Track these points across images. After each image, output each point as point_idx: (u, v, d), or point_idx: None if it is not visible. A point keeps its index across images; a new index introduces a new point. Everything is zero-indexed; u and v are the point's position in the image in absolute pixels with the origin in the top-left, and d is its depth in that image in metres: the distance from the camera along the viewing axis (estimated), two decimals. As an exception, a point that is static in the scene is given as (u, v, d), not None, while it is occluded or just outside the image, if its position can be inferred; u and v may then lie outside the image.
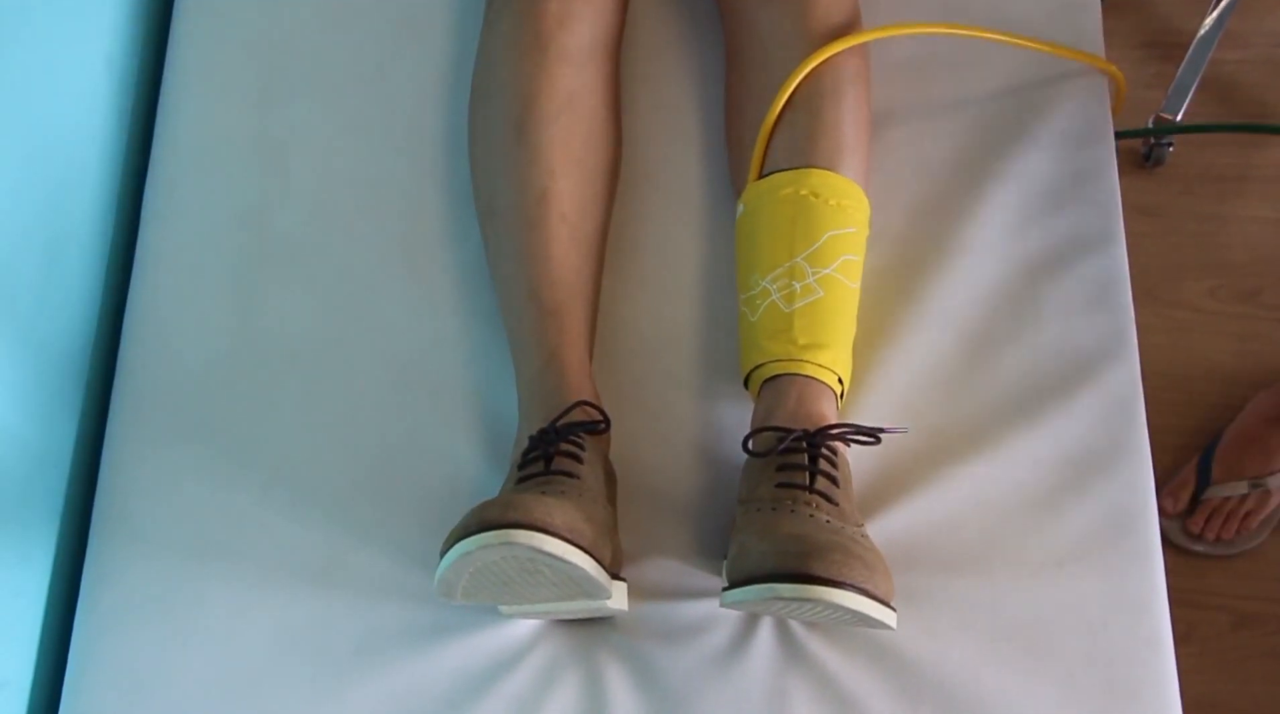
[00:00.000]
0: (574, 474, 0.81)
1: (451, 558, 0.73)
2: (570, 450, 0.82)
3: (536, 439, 0.83)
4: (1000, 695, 0.85)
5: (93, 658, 0.86)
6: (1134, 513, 0.89)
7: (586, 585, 0.77)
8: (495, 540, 0.72)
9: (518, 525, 0.72)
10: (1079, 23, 1.04)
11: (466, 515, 0.75)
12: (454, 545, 0.73)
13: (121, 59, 1.02)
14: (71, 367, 0.93)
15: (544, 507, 0.74)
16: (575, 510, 0.76)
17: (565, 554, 0.73)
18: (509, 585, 0.79)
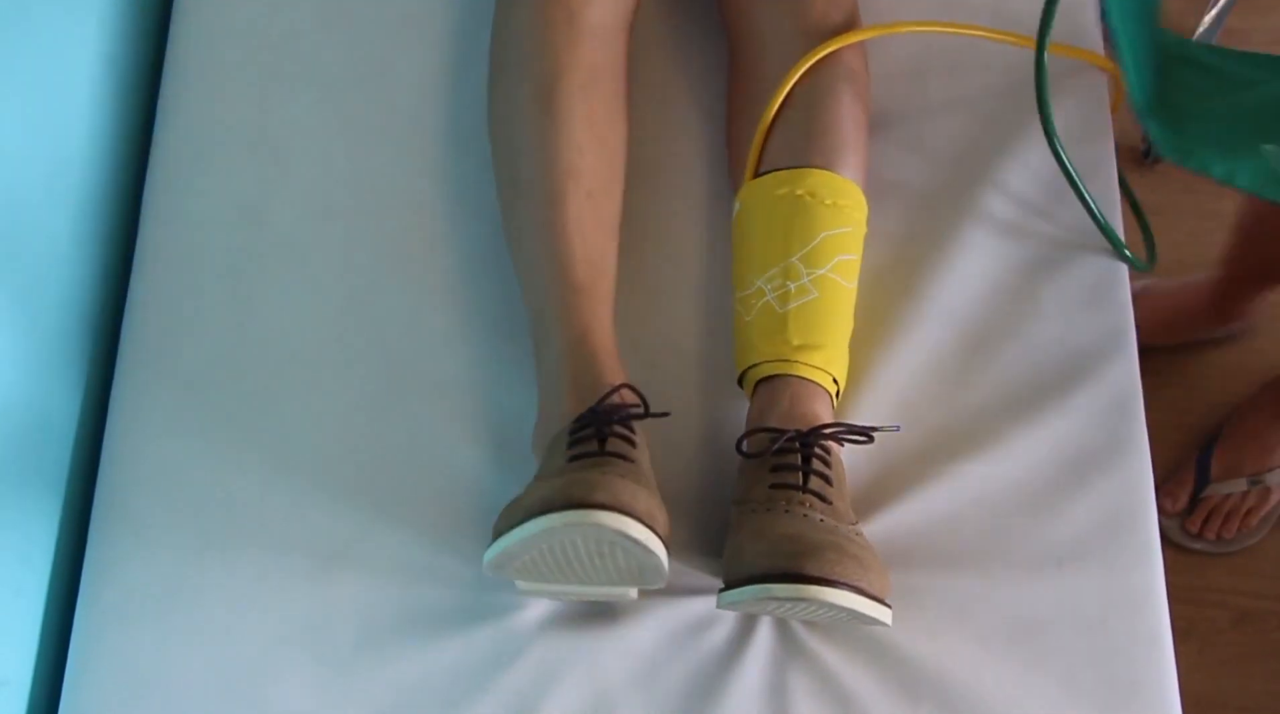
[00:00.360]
0: (629, 457, 0.78)
1: (528, 532, 0.72)
2: (623, 431, 0.80)
3: (587, 417, 0.80)
4: (1000, 693, 0.85)
5: (93, 655, 0.86)
6: (1133, 510, 0.89)
7: (651, 574, 0.77)
8: (581, 520, 0.71)
9: (604, 507, 0.71)
10: (1076, 21, 1.04)
11: (540, 491, 0.74)
12: (530, 520, 0.72)
13: (121, 57, 1.02)
14: (71, 364, 0.93)
15: (629, 491, 0.73)
16: (650, 495, 0.75)
17: (647, 541, 0.73)
18: (569, 566, 0.78)
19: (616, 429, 0.79)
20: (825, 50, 0.92)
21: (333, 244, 0.98)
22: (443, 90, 1.03)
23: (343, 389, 0.93)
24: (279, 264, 0.97)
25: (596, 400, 0.81)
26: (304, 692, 0.85)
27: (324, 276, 0.97)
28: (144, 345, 0.95)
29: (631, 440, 0.79)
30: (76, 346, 0.94)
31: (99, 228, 0.98)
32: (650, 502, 0.74)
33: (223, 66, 1.04)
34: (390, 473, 0.91)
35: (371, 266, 0.97)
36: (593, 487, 0.72)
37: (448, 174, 1.00)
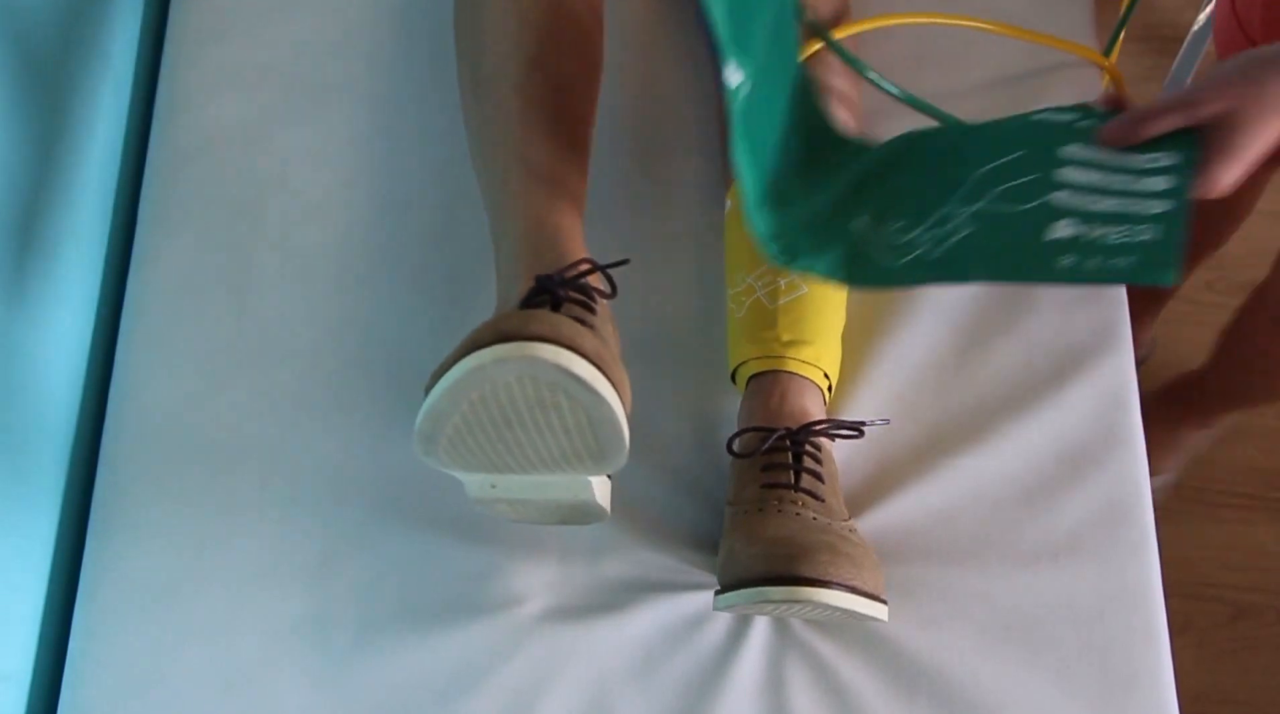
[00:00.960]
0: (586, 322, 0.68)
1: (457, 374, 0.61)
2: (580, 298, 0.70)
3: (542, 282, 0.70)
4: (995, 685, 0.85)
5: (93, 651, 0.86)
6: (1128, 504, 0.90)
7: (605, 432, 0.66)
8: (515, 353, 0.60)
9: (541, 339, 0.61)
10: (1070, 15, 1.04)
11: (470, 335, 0.63)
12: (459, 361, 0.61)
13: (120, 56, 1.03)
14: (69, 362, 0.93)
15: (574, 328, 0.62)
16: (601, 343, 0.64)
17: (594, 381, 0.62)
18: (508, 428, 0.66)
19: (573, 294, 0.69)
20: (818, 45, 0.92)
21: (330, 245, 0.98)
22: (440, 91, 1.03)
23: (340, 387, 0.94)
24: (277, 264, 0.97)
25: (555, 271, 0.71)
26: (302, 688, 0.85)
27: (322, 276, 0.97)
28: (143, 343, 0.95)
29: (590, 307, 0.69)
30: (75, 344, 0.94)
31: (97, 226, 0.98)
32: (600, 348, 0.63)
33: (220, 68, 1.04)
34: (387, 470, 0.91)
35: (369, 266, 0.97)
36: (528, 320, 0.62)
37: (445, 175, 1.00)
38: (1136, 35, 1.66)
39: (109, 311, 0.98)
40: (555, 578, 0.88)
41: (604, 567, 0.88)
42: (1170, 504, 1.45)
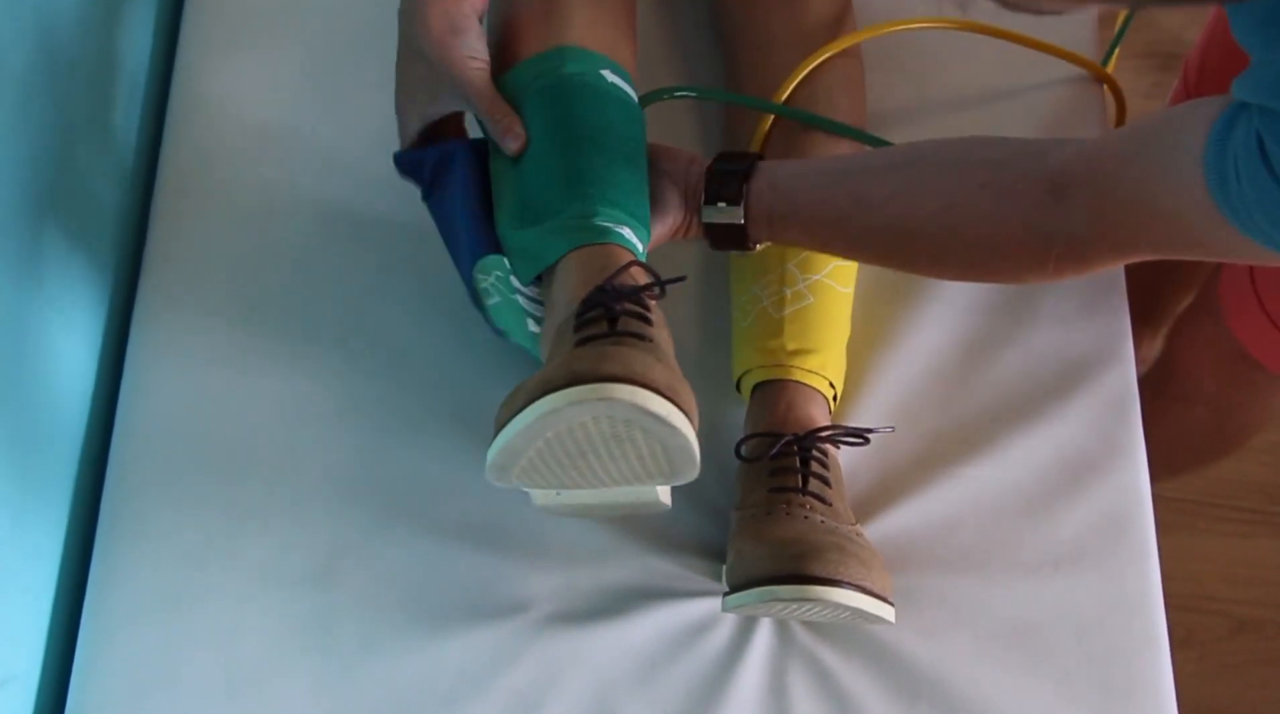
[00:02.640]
0: (645, 336, 0.68)
1: (530, 417, 0.63)
2: (636, 309, 0.70)
3: (595, 295, 0.70)
4: (996, 693, 0.86)
5: (100, 653, 0.87)
6: (1129, 514, 0.90)
7: (680, 459, 0.68)
8: (592, 396, 0.61)
9: (616, 379, 0.62)
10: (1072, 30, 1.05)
11: (541, 374, 0.65)
12: (531, 404, 0.63)
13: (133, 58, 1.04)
14: (80, 367, 0.94)
15: (644, 361, 0.63)
16: (669, 370, 0.65)
17: (669, 415, 0.63)
18: (582, 458, 0.68)
19: (628, 306, 0.70)
20: (822, 55, 0.93)
21: (338, 251, 0.99)
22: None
23: (348, 394, 0.94)
24: (287, 270, 0.98)
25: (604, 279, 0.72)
26: (307, 691, 0.86)
27: (329, 279, 0.98)
28: (153, 349, 0.96)
29: (647, 317, 0.70)
30: (85, 350, 0.95)
31: (109, 231, 0.99)
32: (670, 376, 0.65)
33: (231, 73, 1.05)
34: (393, 476, 0.92)
35: (376, 269, 0.98)
36: (601, 358, 0.63)
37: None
38: (1138, 53, 1.67)
39: (119, 317, 0.99)
40: (559, 584, 0.89)
41: (608, 573, 0.89)
42: (1172, 518, 1.45)
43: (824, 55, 0.93)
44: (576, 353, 0.65)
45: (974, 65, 1.04)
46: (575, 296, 0.72)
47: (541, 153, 0.80)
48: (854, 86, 0.96)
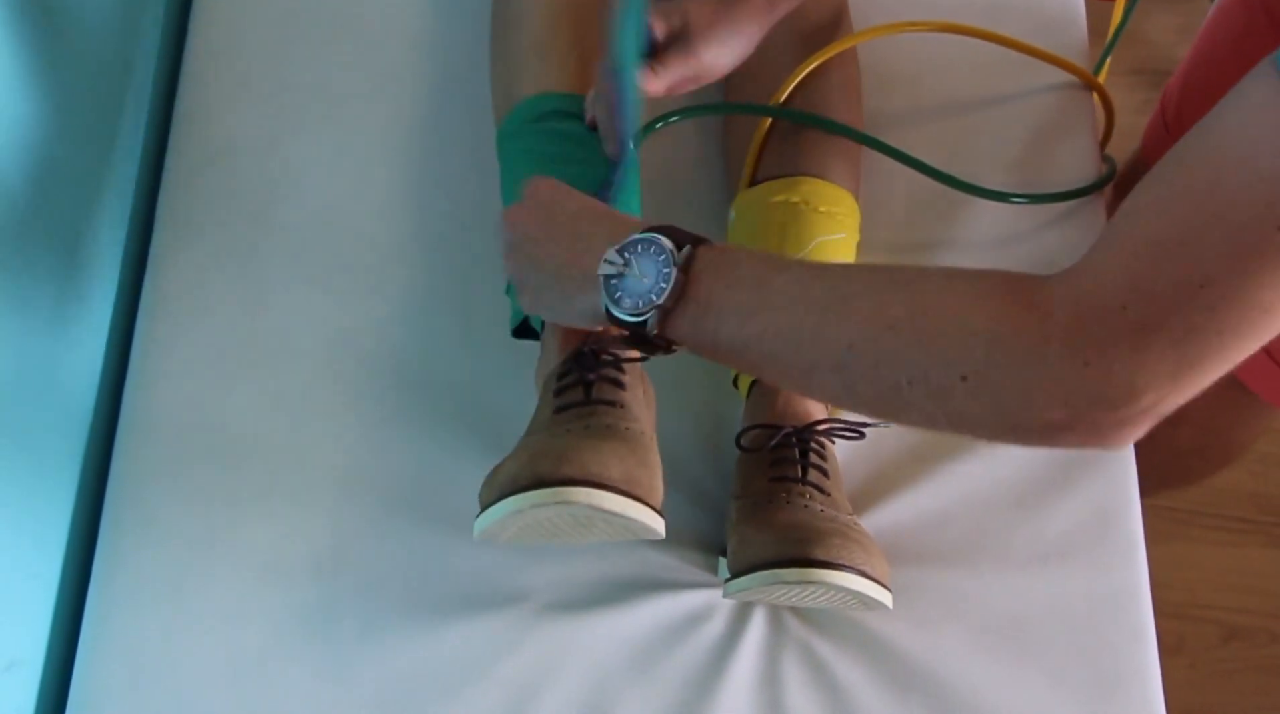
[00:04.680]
0: (617, 402, 0.75)
1: (500, 513, 0.70)
2: (611, 374, 0.76)
3: (572, 362, 0.78)
4: (986, 685, 0.87)
5: (104, 639, 0.88)
6: (1117, 509, 0.92)
7: (641, 533, 0.74)
8: (550, 499, 0.68)
9: (573, 482, 0.68)
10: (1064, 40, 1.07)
11: (514, 463, 0.71)
12: (503, 500, 0.70)
13: (140, 66, 1.05)
14: (86, 360, 0.95)
15: (599, 459, 0.69)
16: (629, 454, 0.71)
17: (624, 510, 0.70)
18: (558, 535, 0.77)
19: (604, 372, 0.77)
20: (819, 59, 0.95)
21: (341, 250, 1.00)
22: (446, 99, 1.06)
23: (349, 388, 0.96)
24: (289, 267, 1.00)
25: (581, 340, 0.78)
26: (308, 678, 0.87)
27: (331, 279, 0.99)
28: (158, 343, 0.97)
29: (619, 381, 0.76)
30: (92, 343, 0.96)
31: (115, 229, 1.00)
32: (627, 462, 0.70)
33: (237, 76, 1.07)
34: (393, 468, 0.93)
35: (377, 270, 1.00)
36: (560, 459, 0.69)
37: (452, 181, 1.02)
38: (1129, 69, 1.69)
39: (125, 312, 1.01)
40: (557, 575, 0.90)
41: (605, 564, 0.90)
42: (1164, 527, 1.47)
43: (820, 59, 0.95)
44: (541, 448, 0.71)
45: (967, 70, 1.06)
46: (562, 347, 0.79)
47: None
48: (850, 90, 0.97)
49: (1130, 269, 0.54)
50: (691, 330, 0.66)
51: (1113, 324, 0.53)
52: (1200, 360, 0.53)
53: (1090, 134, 1.05)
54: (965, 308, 0.58)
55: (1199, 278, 0.51)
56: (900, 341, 0.59)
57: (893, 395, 0.60)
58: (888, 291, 0.61)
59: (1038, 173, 1.03)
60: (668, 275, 0.65)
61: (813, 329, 0.62)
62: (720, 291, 0.65)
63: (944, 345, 0.58)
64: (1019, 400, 0.56)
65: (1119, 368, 0.53)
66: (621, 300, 0.66)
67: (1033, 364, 0.55)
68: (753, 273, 0.65)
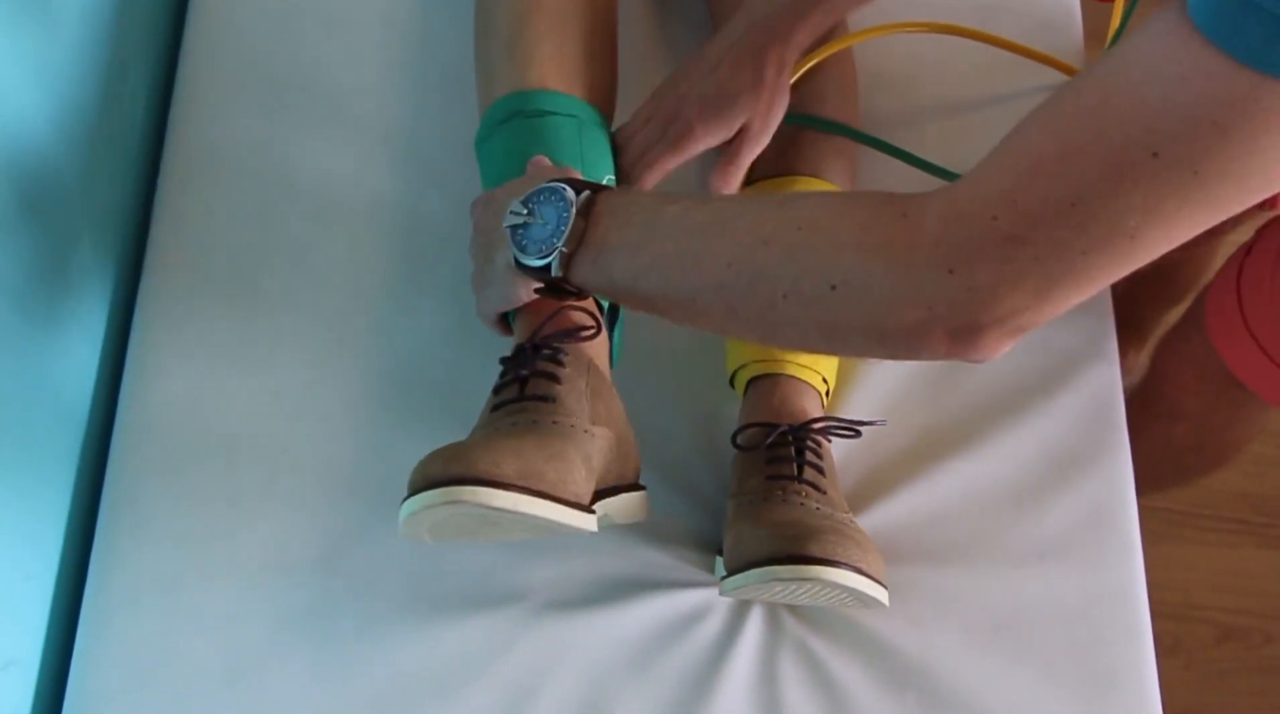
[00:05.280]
0: (548, 396, 0.76)
1: (404, 514, 0.70)
2: (545, 368, 0.77)
3: (511, 360, 0.78)
4: (983, 682, 0.87)
5: (100, 638, 0.88)
6: (1113, 508, 0.92)
7: (554, 528, 0.72)
8: (440, 500, 0.68)
9: (461, 481, 0.68)
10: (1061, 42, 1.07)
11: (421, 466, 0.71)
12: (405, 503, 0.70)
13: (136, 66, 1.05)
14: (83, 357, 0.95)
15: (490, 456, 0.69)
16: (535, 449, 0.70)
17: (517, 505, 0.68)
18: (476, 533, 0.76)
19: (539, 366, 0.76)
20: (815, 59, 0.95)
21: (338, 248, 1.00)
22: (445, 101, 1.06)
23: (346, 387, 0.96)
24: (285, 266, 1.00)
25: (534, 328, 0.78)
26: (305, 677, 0.87)
27: (329, 279, 0.99)
28: (154, 342, 0.97)
29: (555, 376, 0.76)
30: (88, 342, 0.96)
31: (111, 231, 1.00)
32: (529, 457, 0.69)
33: (232, 78, 1.07)
34: (391, 467, 0.92)
35: (375, 270, 1.00)
36: (451, 459, 0.69)
37: (449, 181, 1.02)
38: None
39: (122, 311, 1.01)
40: (554, 574, 0.90)
41: (602, 563, 0.90)
42: (1159, 527, 1.47)
43: (817, 59, 0.95)
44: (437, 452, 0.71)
45: (963, 71, 1.06)
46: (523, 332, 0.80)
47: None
48: (847, 89, 0.98)
49: (1006, 182, 0.55)
50: (591, 272, 0.69)
51: (980, 233, 0.55)
52: (1064, 278, 0.55)
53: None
54: (835, 221, 0.61)
55: (1071, 196, 0.53)
56: (773, 256, 0.62)
57: (769, 311, 0.63)
58: (766, 212, 0.64)
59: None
60: (566, 219, 0.69)
61: (695, 253, 0.65)
62: (614, 230, 0.68)
63: (814, 256, 0.60)
64: (884, 306, 0.58)
65: (981, 275, 0.55)
66: (526, 248, 0.71)
67: (898, 270, 0.58)
68: (644, 210, 0.68)
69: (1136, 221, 0.52)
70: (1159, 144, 0.50)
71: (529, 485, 0.69)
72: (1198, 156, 0.50)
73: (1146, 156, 0.51)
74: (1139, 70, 0.52)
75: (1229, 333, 1.04)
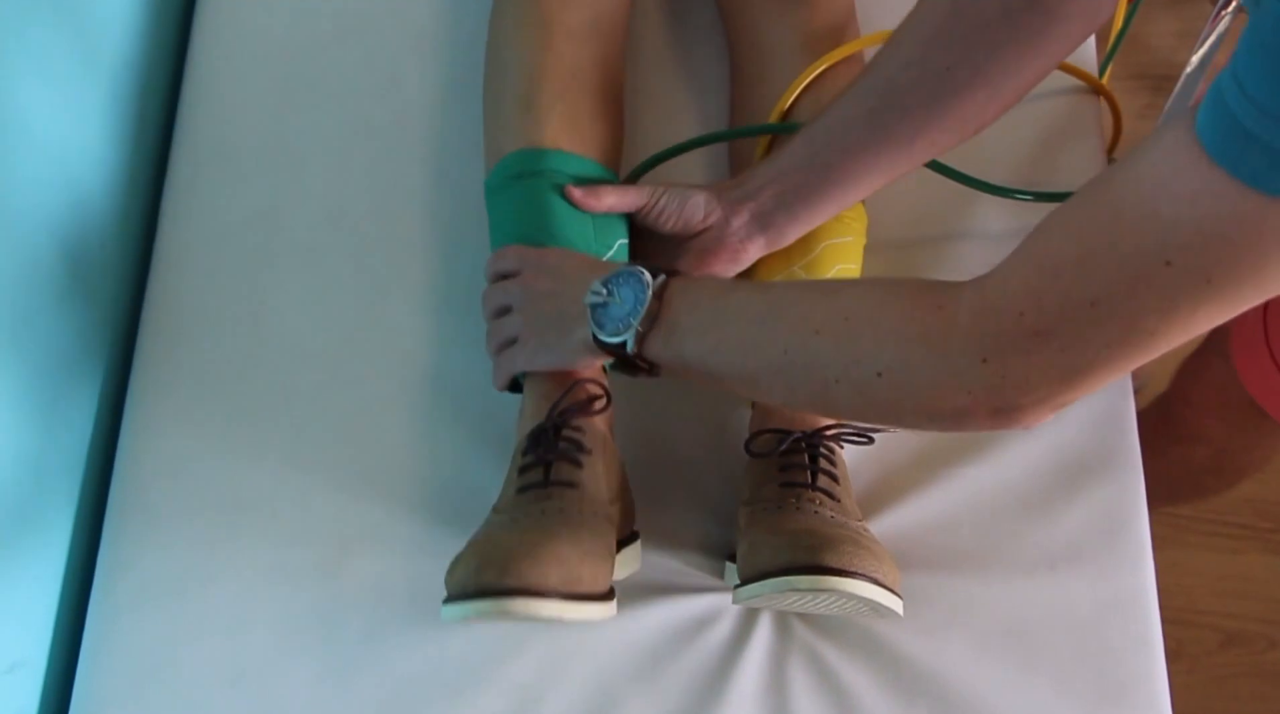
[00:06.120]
0: (573, 483, 0.80)
1: (452, 616, 0.74)
2: (569, 453, 0.81)
3: (533, 440, 0.82)
4: (993, 691, 0.86)
5: (106, 641, 0.87)
6: (1125, 516, 0.92)
7: (585, 626, 0.79)
8: (493, 610, 0.72)
9: (512, 593, 0.72)
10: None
11: (466, 565, 0.74)
12: (454, 603, 0.73)
13: (143, 64, 1.05)
14: (90, 360, 0.95)
15: (538, 567, 0.72)
16: (570, 548, 0.74)
17: (562, 614, 0.73)
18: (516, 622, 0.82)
19: (562, 447, 0.81)
20: (827, 63, 0.95)
21: (345, 247, 1.00)
22: (453, 99, 1.05)
23: (352, 388, 0.95)
24: (293, 266, 0.99)
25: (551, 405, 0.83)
26: (311, 681, 0.86)
27: (336, 279, 0.99)
28: (160, 342, 0.97)
29: (578, 461, 0.80)
30: (95, 343, 0.96)
31: (118, 228, 1.00)
32: (568, 562, 0.74)
33: (240, 76, 1.06)
34: (398, 470, 0.93)
35: (383, 269, 0.99)
36: (502, 570, 0.72)
37: (458, 180, 1.02)
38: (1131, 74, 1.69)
39: (129, 310, 1.00)
40: (563, 578, 0.89)
41: (611, 568, 0.90)
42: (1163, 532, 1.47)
43: (827, 63, 0.95)
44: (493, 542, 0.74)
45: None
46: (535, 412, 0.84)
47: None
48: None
49: (1031, 281, 0.60)
50: (663, 350, 0.76)
51: (1009, 327, 0.60)
52: (1090, 367, 0.59)
53: (1096, 138, 1.05)
54: (878, 311, 0.67)
55: (1090, 297, 0.57)
56: (824, 345, 0.69)
57: (824, 392, 0.70)
58: (814, 301, 0.71)
59: (1043, 176, 1.02)
60: (643, 300, 0.76)
61: (755, 340, 0.72)
62: (684, 313, 0.75)
63: (860, 346, 0.67)
64: (927, 392, 0.65)
65: (1013, 365, 0.61)
66: (604, 325, 0.77)
67: (937, 360, 0.63)
68: (711, 296, 0.76)
69: (1154, 322, 0.56)
70: (1171, 254, 0.53)
71: (571, 591, 0.74)
72: (1210, 266, 0.53)
73: (1160, 265, 0.54)
74: (1150, 184, 0.54)
75: (1252, 358, 1.03)
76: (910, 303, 0.66)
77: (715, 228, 0.88)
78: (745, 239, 0.88)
